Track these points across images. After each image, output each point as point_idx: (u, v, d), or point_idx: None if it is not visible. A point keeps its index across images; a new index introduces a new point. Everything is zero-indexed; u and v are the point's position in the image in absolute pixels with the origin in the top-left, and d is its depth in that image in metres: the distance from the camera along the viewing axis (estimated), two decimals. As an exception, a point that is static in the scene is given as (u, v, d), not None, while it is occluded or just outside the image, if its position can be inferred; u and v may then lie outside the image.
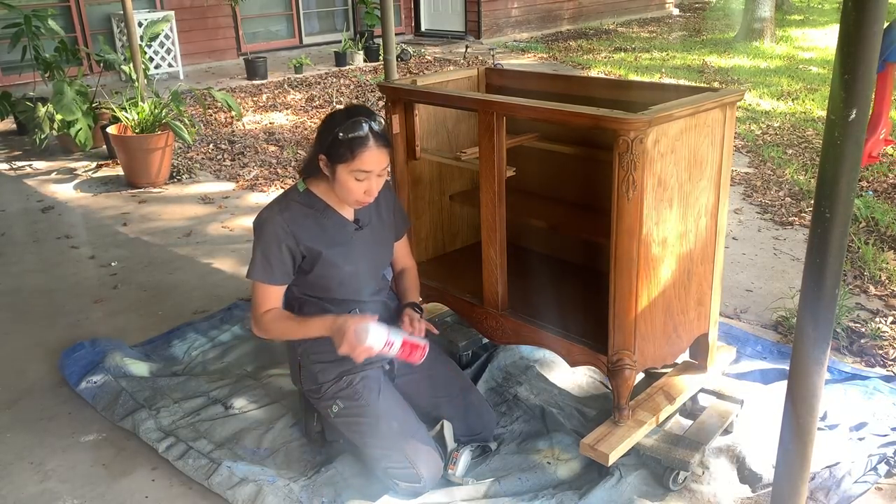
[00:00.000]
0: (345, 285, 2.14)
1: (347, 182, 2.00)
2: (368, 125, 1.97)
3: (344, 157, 1.96)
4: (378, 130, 1.99)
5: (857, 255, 3.65)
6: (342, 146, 1.96)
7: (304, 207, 2.09)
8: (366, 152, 1.96)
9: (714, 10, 16.80)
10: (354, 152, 1.95)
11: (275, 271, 2.06)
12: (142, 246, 4.13)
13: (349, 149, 1.95)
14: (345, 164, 1.97)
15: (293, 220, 2.05)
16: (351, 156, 1.96)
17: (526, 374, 2.65)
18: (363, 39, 10.45)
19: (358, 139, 1.95)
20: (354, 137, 1.95)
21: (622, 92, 2.46)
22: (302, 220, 2.07)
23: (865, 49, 1.31)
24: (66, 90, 4.94)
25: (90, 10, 9.19)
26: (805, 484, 1.67)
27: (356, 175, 1.98)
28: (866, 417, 2.38)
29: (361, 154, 1.96)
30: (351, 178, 1.99)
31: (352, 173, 1.98)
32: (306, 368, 2.19)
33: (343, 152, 1.96)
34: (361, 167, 1.97)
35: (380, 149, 1.99)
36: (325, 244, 2.09)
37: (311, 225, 2.08)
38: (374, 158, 1.98)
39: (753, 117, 6.60)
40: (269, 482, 2.12)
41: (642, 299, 2.02)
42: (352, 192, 2.02)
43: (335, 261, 2.10)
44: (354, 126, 1.96)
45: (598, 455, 2.05)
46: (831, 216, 1.42)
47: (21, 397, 2.68)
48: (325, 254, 2.08)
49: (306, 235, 2.06)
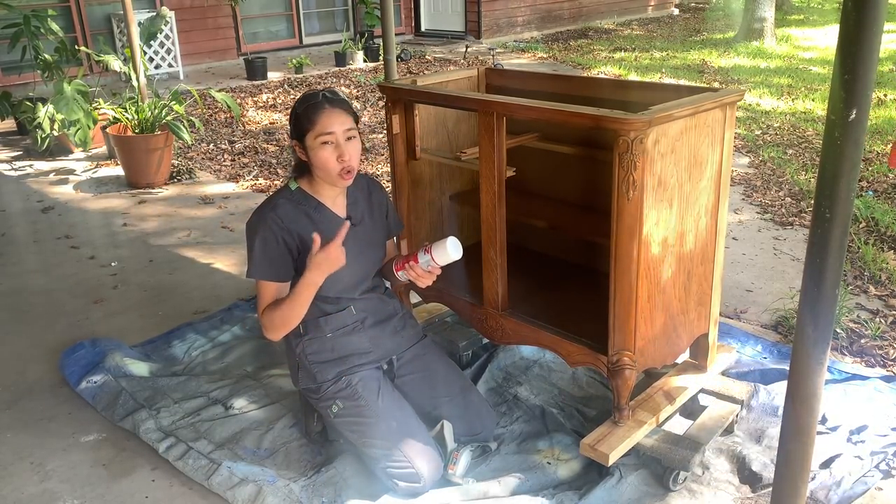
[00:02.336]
0: (337, 282, 2.13)
1: (319, 153, 2.04)
2: (320, 94, 2.06)
3: (305, 126, 2.03)
4: (329, 95, 2.07)
5: (857, 255, 3.65)
6: (302, 118, 2.04)
7: (296, 205, 2.12)
8: (322, 113, 2.03)
9: (714, 10, 16.80)
10: (312, 118, 2.03)
11: (278, 267, 2.07)
12: (142, 246, 4.13)
13: (307, 118, 2.03)
14: (310, 134, 2.03)
15: (286, 216, 2.08)
16: (310, 122, 2.03)
17: (526, 374, 2.65)
18: (363, 39, 10.45)
19: (312, 105, 2.04)
20: (308, 106, 2.04)
21: (622, 92, 2.46)
22: (294, 215, 2.10)
23: (865, 49, 1.31)
24: (66, 90, 4.93)
25: (90, 10, 9.19)
26: (805, 484, 1.67)
27: (321, 140, 2.02)
28: (866, 418, 2.38)
29: (318, 117, 2.03)
30: (319, 146, 2.03)
31: (317, 140, 2.02)
32: (305, 369, 2.19)
33: (304, 123, 2.04)
34: (323, 129, 2.02)
35: (335, 108, 2.05)
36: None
37: (303, 220, 2.10)
38: (332, 118, 2.03)
39: (753, 117, 6.60)
40: (269, 482, 2.12)
41: (642, 299, 2.02)
42: (328, 161, 2.04)
43: None
44: (307, 97, 2.07)
45: (598, 455, 2.05)
46: (831, 216, 1.42)
47: (21, 397, 2.68)
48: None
49: (300, 230, 2.08)
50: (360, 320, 2.21)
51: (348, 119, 2.07)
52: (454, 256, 2.04)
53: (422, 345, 2.36)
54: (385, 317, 2.27)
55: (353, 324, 2.20)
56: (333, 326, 2.18)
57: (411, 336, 2.34)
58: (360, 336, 2.20)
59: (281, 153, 5.87)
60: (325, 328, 2.17)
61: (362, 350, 2.20)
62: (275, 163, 5.62)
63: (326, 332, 2.17)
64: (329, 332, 2.17)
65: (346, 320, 2.19)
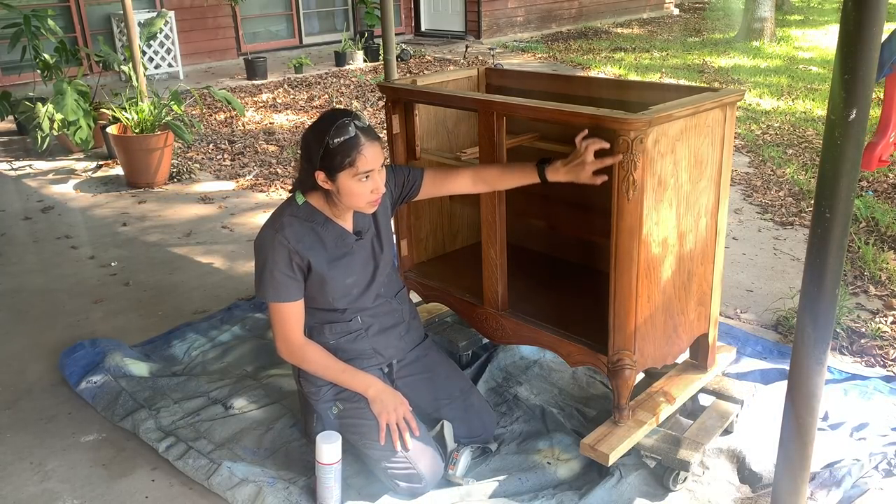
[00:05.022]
0: (346, 296, 2.14)
1: (353, 188, 1.96)
2: (353, 125, 1.93)
3: (343, 164, 1.93)
4: (364, 126, 1.97)
5: (857, 255, 3.65)
6: (337, 155, 1.92)
7: (304, 221, 2.06)
8: (362, 150, 1.93)
9: (714, 9, 16.80)
10: (352, 156, 1.92)
11: (290, 288, 2.04)
12: (142, 246, 4.13)
13: (345, 155, 1.92)
14: (346, 171, 1.94)
15: (294, 235, 2.02)
16: (350, 161, 1.92)
17: (526, 374, 2.65)
18: (363, 39, 10.46)
19: (349, 142, 1.92)
20: (347, 140, 1.92)
21: (622, 92, 2.46)
22: (303, 234, 2.04)
23: (865, 49, 1.31)
24: (66, 90, 4.93)
25: (90, 10, 9.19)
26: (805, 484, 1.67)
27: (359, 178, 1.95)
28: (866, 417, 2.38)
29: (358, 155, 1.93)
30: (355, 182, 1.95)
31: (355, 178, 1.95)
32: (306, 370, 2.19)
33: (341, 160, 1.92)
34: (362, 168, 1.94)
35: (373, 144, 1.96)
36: (327, 258, 2.07)
37: (312, 239, 2.05)
38: (372, 154, 1.95)
39: (753, 117, 6.60)
40: (268, 483, 2.12)
41: (642, 299, 2.02)
42: (361, 195, 1.98)
43: (335, 273, 2.08)
44: (341, 130, 1.92)
45: (598, 455, 2.05)
46: (831, 216, 1.42)
47: (21, 397, 2.68)
48: (326, 267, 2.07)
49: (308, 250, 2.04)
50: (365, 328, 2.21)
51: (381, 151, 1.99)
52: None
53: (423, 346, 2.35)
54: (390, 325, 2.26)
55: (357, 331, 2.20)
56: (337, 333, 2.18)
57: (414, 339, 2.34)
58: (363, 342, 2.20)
59: (280, 153, 5.87)
60: (329, 335, 2.17)
61: (365, 355, 2.21)
62: (274, 162, 5.62)
63: (330, 338, 2.17)
64: (332, 339, 2.17)
65: (351, 328, 2.19)
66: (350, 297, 2.14)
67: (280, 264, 2.01)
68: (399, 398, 2.12)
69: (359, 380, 2.12)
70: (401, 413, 2.09)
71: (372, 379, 2.14)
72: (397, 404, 2.10)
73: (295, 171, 2.44)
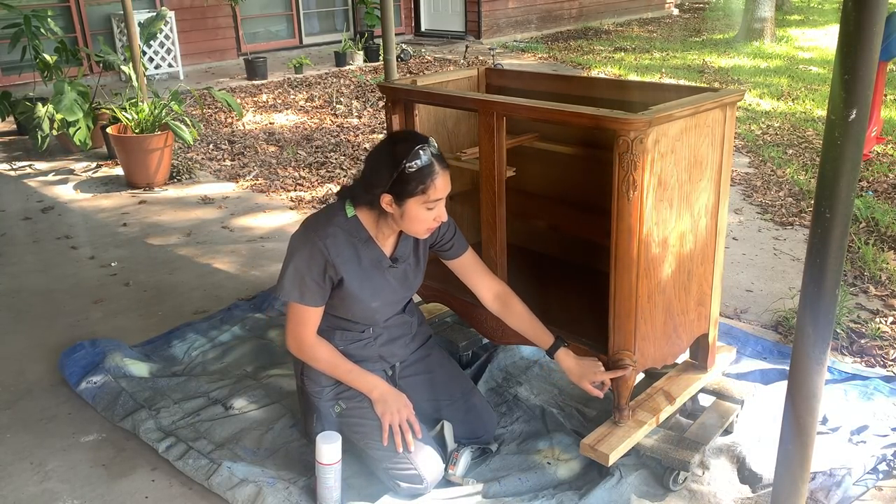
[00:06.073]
0: (365, 315, 2.14)
1: (419, 214, 1.95)
2: (430, 152, 1.92)
3: (415, 190, 1.91)
4: (438, 154, 1.95)
5: (857, 255, 3.65)
6: (412, 181, 1.90)
7: (348, 235, 2.03)
8: (437, 179, 1.92)
9: (714, 10, 16.80)
10: (426, 184, 1.91)
11: (315, 295, 2.02)
12: (142, 246, 4.13)
13: (420, 182, 1.90)
14: (417, 198, 1.92)
15: (335, 247, 2.00)
16: (423, 188, 1.91)
17: (526, 374, 2.65)
18: (363, 39, 10.45)
19: (427, 170, 1.90)
20: (423, 168, 1.90)
21: (622, 92, 2.46)
22: (343, 248, 2.02)
23: (865, 49, 1.31)
24: (66, 90, 4.94)
25: (90, 10, 9.19)
26: (805, 484, 1.67)
27: (428, 206, 1.95)
28: (866, 418, 2.38)
29: (433, 184, 1.92)
30: (423, 209, 1.95)
31: (424, 205, 1.94)
32: (309, 369, 2.19)
33: (414, 186, 1.91)
34: (433, 197, 1.93)
35: (445, 172, 1.95)
36: (359, 277, 2.06)
37: (350, 255, 2.03)
38: (442, 185, 1.95)
39: (753, 117, 6.60)
40: (268, 483, 2.12)
41: (642, 299, 2.02)
42: (423, 222, 1.98)
43: (363, 294, 2.08)
44: (418, 156, 1.90)
45: (598, 455, 2.05)
46: (831, 216, 1.42)
47: (21, 397, 2.68)
48: (356, 286, 2.06)
49: (344, 265, 2.02)
50: (374, 338, 2.21)
51: (450, 179, 1.98)
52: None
53: (426, 347, 2.36)
54: (399, 335, 2.27)
55: (367, 340, 2.20)
56: (347, 340, 2.18)
57: (418, 343, 2.35)
58: (371, 350, 2.21)
59: (281, 153, 5.87)
60: (339, 341, 2.17)
61: (370, 360, 2.21)
62: (274, 163, 5.62)
63: (339, 343, 2.17)
64: (342, 345, 2.17)
65: (362, 337, 2.19)
66: (368, 316, 2.15)
67: (314, 271, 2.00)
68: (403, 400, 2.12)
69: (364, 380, 2.12)
70: (404, 415, 2.09)
71: (377, 380, 2.14)
72: (401, 406, 2.10)
73: (349, 180, 2.40)
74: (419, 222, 1.98)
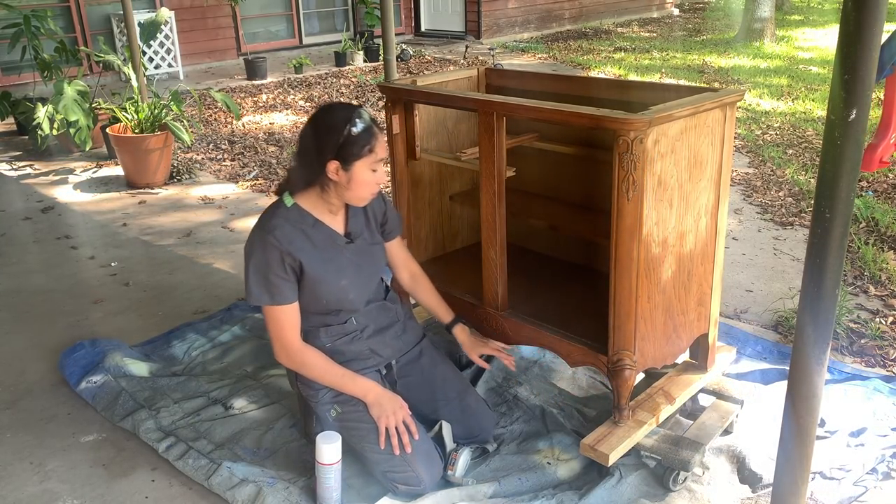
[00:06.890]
0: (339, 298, 2.13)
1: (365, 177, 2.01)
2: (362, 112, 2.01)
3: (362, 151, 1.98)
4: (370, 117, 2.04)
5: (857, 255, 3.65)
6: (358, 142, 1.97)
7: (293, 223, 2.05)
8: (379, 139, 2.01)
9: (714, 10, 16.80)
10: (371, 143, 1.99)
11: (284, 290, 2.03)
12: (142, 246, 4.13)
13: (366, 142, 1.98)
14: (364, 159, 1.99)
15: (285, 237, 2.02)
16: (369, 148, 1.99)
17: (526, 374, 2.65)
18: (363, 39, 10.46)
19: (371, 130, 1.99)
20: (366, 129, 1.98)
21: (622, 92, 2.46)
22: (293, 236, 2.04)
23: (865, 49, 1.31)
24: (66, 90, 4.94)
25: (90, 10, 9.19)
26: (805, 484, 1.67)
27: (373, 167, 2.02)
28: (866, 418, 2.38)
29: (377, 144, 2.00)
30: (368, 171, 2.01)
31: (370, 166, 2.01)
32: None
33: (360, 147, 1.98)
34: (381, 154, 2.02)
35: (382, 133, 2.04)
36: (318, 259, 2.07)
37: (301, 241, 2.05)
38: (384, 144, 2.04)
39: (753, 117, 6.60)
40: (268, 484, 2.12)
41: (642, 299, 2.02)
42: (369, 185, 2.04)
43: (327, 276, 2.08)
44: (361, 118, 1.99)
45: (598, 455, 2.05)
46: (831, 216, 1.42)
47: (21, 397, 2.68)
48: (318, 268, 2.06)
49: (299, 251, 2.03)
50: (360, 329, 2.20)
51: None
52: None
53: (420, 347, 2.35)
54: (386, 324, 2.26)
55: (353, 333, 2.19)
56: (333, 335, 2.17)
57: (411, 339, 2.34)
58: (359, 344, 2.20)
59: (281, 153, 5.87)
60: (325, 337, 2.16)
61: (362, 357, 2.20)
62: (274, 163, 5.62)
63: (326, 341, 2.16)
64: (329, 342, 2.16)
65: (347, 329, 2.19)
66: (343, 299, 2.14)
67: (274, 266, 2.01)
68: (398, 402, 2.12)
69: (358, 384, 2.12)
70: (400, 417, 2.08)
71: (371, 383, 2.13)
72: (396, 408, 2.10)
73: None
74: (365, 186, 2.04)
